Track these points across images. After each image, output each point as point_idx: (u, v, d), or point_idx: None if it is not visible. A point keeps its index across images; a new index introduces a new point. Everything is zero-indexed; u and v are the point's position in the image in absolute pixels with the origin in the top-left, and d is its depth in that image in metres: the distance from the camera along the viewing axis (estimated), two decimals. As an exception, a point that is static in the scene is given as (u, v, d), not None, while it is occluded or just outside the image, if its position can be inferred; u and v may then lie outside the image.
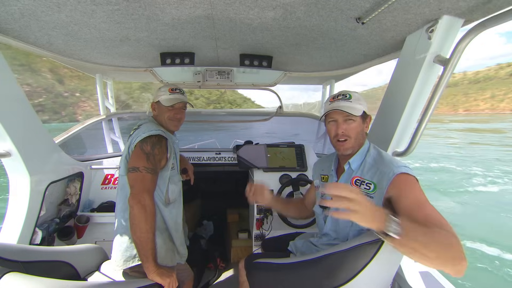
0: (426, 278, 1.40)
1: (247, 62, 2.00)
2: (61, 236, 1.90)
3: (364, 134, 1.23)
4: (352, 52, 1.81)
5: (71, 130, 2.17)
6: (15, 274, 0.89)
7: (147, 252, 1.25)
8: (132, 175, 1.32)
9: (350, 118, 1.17)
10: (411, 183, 1.01)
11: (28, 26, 1.35)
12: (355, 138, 1.19)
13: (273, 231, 2.24)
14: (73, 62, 2.01)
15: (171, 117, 1.54)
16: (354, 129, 1.18)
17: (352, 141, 1.19)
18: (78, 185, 2.10)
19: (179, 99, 1.54)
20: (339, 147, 1.21)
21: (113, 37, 1.56)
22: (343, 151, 1.21)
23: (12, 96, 1.46)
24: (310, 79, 2.79)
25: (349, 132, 1.18)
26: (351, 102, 1.18)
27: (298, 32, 1.49)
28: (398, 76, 1.54)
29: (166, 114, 1.53)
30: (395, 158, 1.14)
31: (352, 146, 1.19)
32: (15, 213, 1.58)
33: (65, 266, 1.33)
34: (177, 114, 1.56)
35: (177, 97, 1.54)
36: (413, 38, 1.37)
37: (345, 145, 1.19)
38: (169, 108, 1.53)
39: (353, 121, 1.18)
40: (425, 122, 1.34)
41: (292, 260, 1.21)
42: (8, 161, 1.49)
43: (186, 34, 1.55)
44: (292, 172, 2.41)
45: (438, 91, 1.24)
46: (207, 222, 3.16)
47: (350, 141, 1.18)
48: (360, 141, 1.21)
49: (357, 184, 1.15)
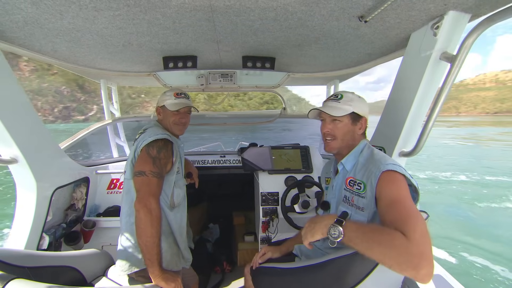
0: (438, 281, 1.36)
1: (250, 64, 1.99)
2: (68, 241, 1.91)
3: (356, 135, 1.22)
4: (356, 52, 1.78)
5: (77, 136, 2.19)
6: (20, 281, 0.89)
7: (153, 256, 1.24)
8: (138, 179, 1.32)
9: (335, 118, 1.18)
10: (392, 180, 0.99)
11: (33, 34, 1.37)
12: (341, 139, 1.19)
13: (279, 233, 2.21)
14: (78, 69, 2.03)
15: (177, 121, 1.54)
16: (340, 129, 1.19)
17: (338, 141, 1.20)
18: (84, 190, 2.12)
19: (185, 104, 1.54)
20: (326, 145, 1.25)
21: (115, 43, 1.57)
22: (328, 150, 1.24)
23: (17, 103, 1.47)
24: (314, 79, 2.77)
25: (335, 132, 1.20)
26: (339, 102, 1.19)
27: (300, 33, 1.47)
28: (403, 74, 1.50)
29: (171, 119, 1.53)
30: (385, 156, 1.12)
31: (338, 146, 1.21)
32: (22, 218, 1.60)
33: (71, 271, 1.33)
34: (182, 119, 1.56)
35: (183, 101, 1.55)
36: (418, 35, 1.34)
37: (330, 144, 1.22)
38: (175, 112, 1.53)
39: (340, 122, 1.19)
40: (432, 120, 1.30)
41: (297, 265, 1.19)
42: (15, 167, 1.51)
43: (188, 37, 1.55)
44: (298, 174, 2.39)
45: (445, 89, 1.20)
46: (213, 225, 3.15)
47: (336, 141, 1.20)
48: (348, 142, 1.20)
49: (350, 185, 1.15)
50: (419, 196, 1.06)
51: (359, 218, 1.09)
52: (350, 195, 1.14)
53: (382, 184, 1.00)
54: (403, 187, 0.97)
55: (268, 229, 2.24)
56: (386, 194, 0.97)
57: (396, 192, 0.95)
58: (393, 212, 0.89)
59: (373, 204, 1.04)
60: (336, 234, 0.89)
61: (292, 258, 1.48)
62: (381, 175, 1.01)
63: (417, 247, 0.75)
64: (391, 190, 0.96)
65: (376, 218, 1.06)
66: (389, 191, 0.96)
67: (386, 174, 1.00)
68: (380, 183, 1.00)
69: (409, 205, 0.90)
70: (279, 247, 1.56)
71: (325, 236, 0.94)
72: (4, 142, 1.42)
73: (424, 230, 0.80)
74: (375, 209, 1.04)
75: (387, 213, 0.91)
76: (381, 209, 0.96)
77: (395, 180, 0.99)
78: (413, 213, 0.86)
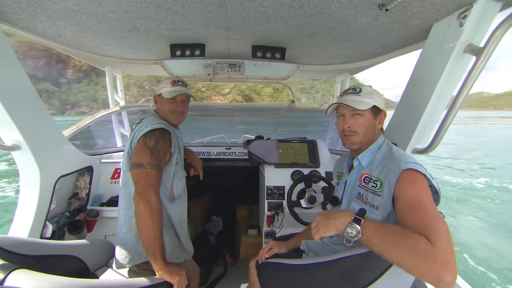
0: None
1: (259, 54, 1.92)
2: (71, 230, 1.90)
3: (376, 129, 1.16)
4: (371, 43, 1.71)
5: (81, 124, 2.15)
6: (23, 271, 0.86)
7: (155, 250, 1.21)
8: (136, 172, 1.27)
9: (358, 112, 1.12)
10: (413, 181, 0.94)
11: (36, 15, 1.31)
12: (363, 134, 1.14)
13: (284, 228, 2.19)
14: (82, 55, 1.98)
15: (173, 110, 1.49)
16: (362, 124, 1.13)
17: (360, 136, 1.14)
18: (87, 179, 2.09)
19: (181, 91, 1.48)
20: (346, 140, 1.18)
21: (121, 28, 1.51)
22: (349, 145, 1.18)
23: (21, 90, 1.44)
24: (324, 72, 2.69)
25: (356, 127, 1.14)
26: (359, 96, 1.13)
27: (315, 21, 1.40)
28: (421, 68, 1.44)
29: (167, 107, 1.49)
30: (405, 154, 1.07)
31: (360, 142, 1.15)
32: (25, 206, 1.58)
33: (74, 260, 1.32)
34: (178, 107, 1.51)
35: (179, 89, 1.49)
36: (441, 25, 1.26)
37: (351, 139, 1.16)
38: (171, 100, 1.48)
39: (361, 116, 1.13)
40: (451, 117, 1.24)
41: (306, 262, 1.15)
42: (18, 154, 1.48)
43: (197, 24, 1.49)
44: (304, 168, 2.34)
45: (468, 83, 1.13)
46: (216, 217, 3.14)
47: (358, 136, 1.14)
48: (369, 137, 1.15)
49: (365, 182, 1.10)
50: (439, 198, 1.01)
51: (372, 216, 1.04)
52: (364, 192, 1.09)
53: (402, 183, 0.95)
54: (425, 188, 0.92)
55: (273, 223, 2.21)
56: (407, 195, 0.92)
57: (418, 193, 0.90)
58: (416, 215, 0.84)
59: (389, 204, 0.99)
60: (354, 233, 0.85)
61: (299, 254, 1.45)
62: (401, 173, 0.95)
63: (442, 254, 0.72)
64: (413, 191, 0.91)
65: (391, 219, 1.01)
66: (410, 192, 0.91)
67: (406, 173, 0.95)
68: (399, 183, 0.95)
69: (433, 209, 0.85)
70: (286, 242, 1.52)
71: (339, 233, 0.91)
72: (7, 128, 1.38)
73: (448, 236, 0.76)
74: (391, 209, 0.99)
75: (409, 216, 0.87)
76: (401, 210, 0.91)
77: (416, 180, 0.94)
78: (437, 218, 0.82)
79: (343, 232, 0.88)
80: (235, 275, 2.37)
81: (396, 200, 0.95)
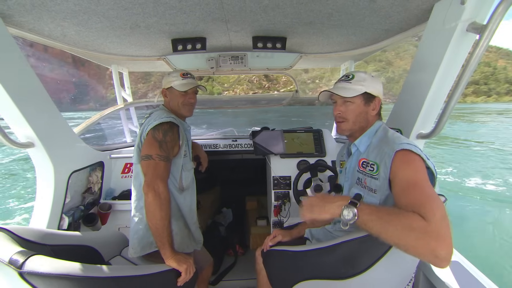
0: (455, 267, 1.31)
1: (260, 44, 1.91)
2: (86, 222, 1.99)
3: (369, 116, 1.16)
4: (372, 28, 1.67)
5: (90, 121, 2.23)
6: (40, 257, 0.92)
7: (163, 238, 1.26)
8: (145, 163, 1.32)
9: (347, 100, 1.13)
10: (407, 161, 0.94)
11: (41, 17, 1.36)
12: (353, 121, 1.15)
13: (291, 218, 2.20)
14: (88, 54, 2.04)
15: (186, 102, 1.54)
16: (352, 111, 1.14)
17: (349, 123, 1.16)
18: (99, 174, 2.17)
19: (193, 84, 1.55)
20: (337, 128, 1.23)
21: (122, 25, 1.55)
22: (340, 132, 1.21)
23: (32, 91, 1.49)
24: (328, 60, 2.65)
25: (346, 114, 1.15)
26: (350, 83, 1.14)
27: (312, 8, 1.39)
28: (423, 50, 1.40)
29: (180, 100, 1.53)
30: (400, 136, 1.07)
31: (350, 128, 1.17)
32: (42, 200, 1.66)
33: (89, 250, 1.39)
34: (191, 99, 1.57)
35: (190, 81, 1.55)
36: (443, 4, 1.22)
37: (341, 126, 1.19)
38: (183, 93, 1.52)
39: (351, 103, 1.14)
40: (454, 99, 1.21)
41: (307, 248, 1.17)
42: (32, 151, 1.56)
43: (195, 17, 1.50)
44: (310, 158, 2.34)
45: (472, 63, 1.10)
46: (226, 209, 3.20)
47: (348, 123, 1.16)
48: (361, 124, 1.16)
49: (363, 166, 1.11)
50: (436, 179, 1.00)
51: (371, 200, 1.05)
52: (363, 177, 1.10)
53: (397, 164, 0.95)
54: (420, 168, 0.91)
55: (280, 213, 2.23)
56: (402, 175, 0.92)
57: (413, 173, 0.90)
58: (410, 195, 0.84)
59: (386, 186, 0.99)
60: (350, 216, 0.85)
61: (303, 242, 1.47)
62: (395, 155, 0.95)
63: (436, 230, 0.72)
64: (407, 171, 0.91)
65: (389, 202, 1.01)
66: (405, 172, 0.91)
67: (400, 154, 0.95)
68: (394, 164, 0.95)
69: (427, 188, 0.85)
70: (290, 231, 1.55)
71: (335, 217, 0.91)
72: (20, 127, 1.45)
73: (443, 213, 0.75)
74: (388, 192, 1.00)
75: (404, 196, 0.87)
76: (397, 191, 0.91)
77: (411, 160, 0.93)
78: (432, 195, 0.81)
79: (340, 215, 0.89)
80: (245, 265, 2.42)
81: (392, 182, 0.95)
